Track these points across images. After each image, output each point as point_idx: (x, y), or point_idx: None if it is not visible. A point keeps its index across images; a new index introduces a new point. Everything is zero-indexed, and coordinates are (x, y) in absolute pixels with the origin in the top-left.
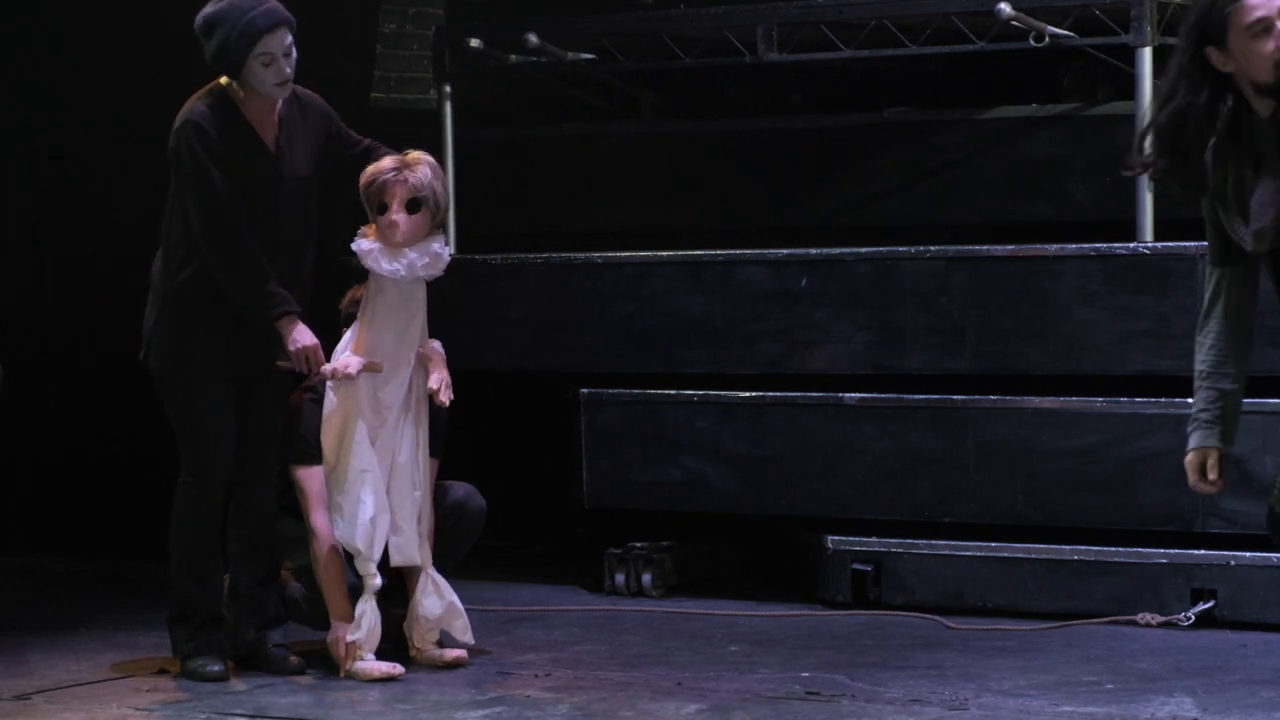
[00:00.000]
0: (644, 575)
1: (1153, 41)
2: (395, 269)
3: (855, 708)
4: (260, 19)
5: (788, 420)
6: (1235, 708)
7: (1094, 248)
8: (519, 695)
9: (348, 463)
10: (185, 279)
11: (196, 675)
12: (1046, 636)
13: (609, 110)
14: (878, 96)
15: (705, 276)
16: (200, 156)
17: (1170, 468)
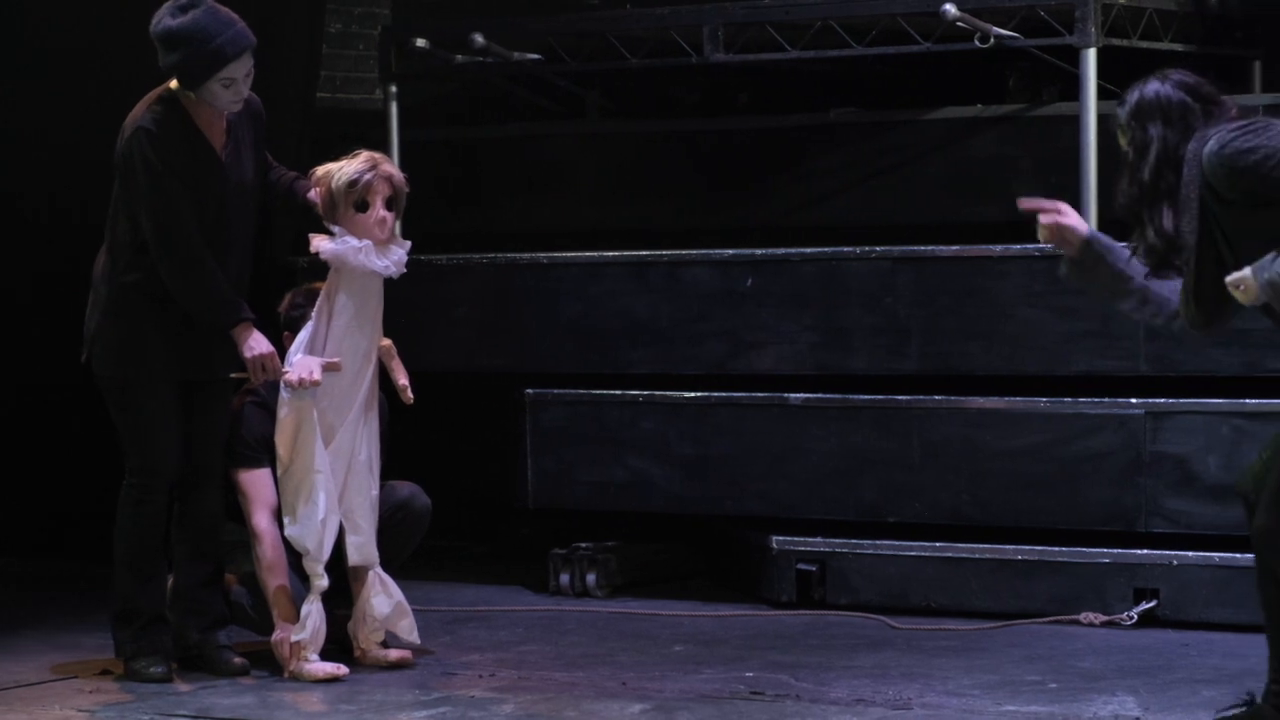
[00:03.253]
0: (589, 575)
1: (1097, 43)
2: (387, 265)
3: (799, 708)
4: (229, 47)
5: (733, 420)
6: (1177, 707)
7: (1038, 248)
8: (463, 695)
9: (301, 464)
10: (130, 282)
11: (140, 676)
12: (990, 636)
13: (555, 110)
14: (824, 97)
15: (651, 277)
16: (153, 163)
17: (1114, 468)
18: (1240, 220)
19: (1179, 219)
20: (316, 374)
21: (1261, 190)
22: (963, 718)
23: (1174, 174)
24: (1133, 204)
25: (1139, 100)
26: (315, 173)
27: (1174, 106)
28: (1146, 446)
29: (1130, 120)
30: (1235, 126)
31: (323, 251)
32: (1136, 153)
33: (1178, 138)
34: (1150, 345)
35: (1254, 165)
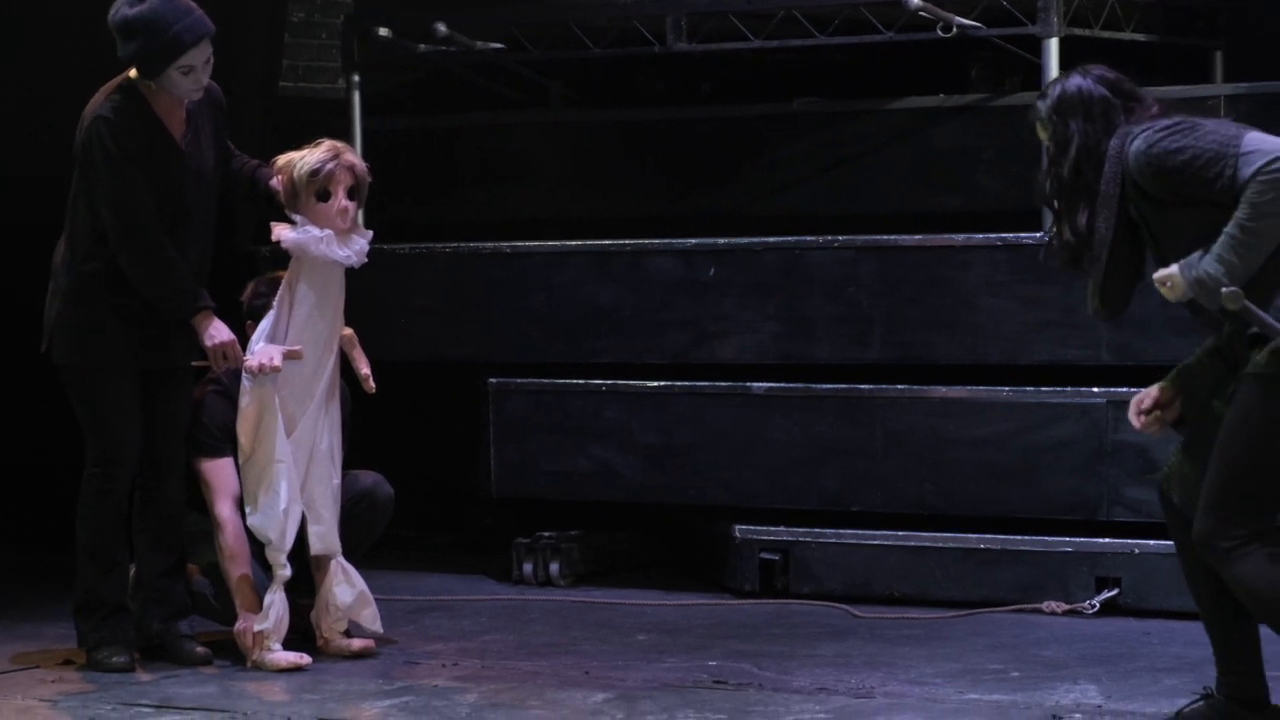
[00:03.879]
0: (552, 565)
1: (1060, 32)
2: (348, 255)
3: (762, 696)
4: (185, 35)
5: (696, 410)
6: (1139, 695)
7: (1001, 238)
8: (426, 685)
9: (264, 454)
10: (89, 272)
11: (102, 666)
12: (953, 625)
13: (518, 100)
14: (786, 87)
15: (614, 266)
16: (113, 153)
17: (1076, 456)
18: (1166, 219)
19: (1095, 216)
20: (277, 360)
21: (1188, 190)
22: (925, 706)
23: (1094, 171)
24: (1050, 198)
25: (1061, 95)
26: (277, 161)
27: (1096, 102)
28: (1109, 436)
29: (1052, 114)
30: (1162, 126)
31: (284, 240)
32: (1057, 147)
33: (1099, 134)
34: (1112, 335)
35: (1181, 166)
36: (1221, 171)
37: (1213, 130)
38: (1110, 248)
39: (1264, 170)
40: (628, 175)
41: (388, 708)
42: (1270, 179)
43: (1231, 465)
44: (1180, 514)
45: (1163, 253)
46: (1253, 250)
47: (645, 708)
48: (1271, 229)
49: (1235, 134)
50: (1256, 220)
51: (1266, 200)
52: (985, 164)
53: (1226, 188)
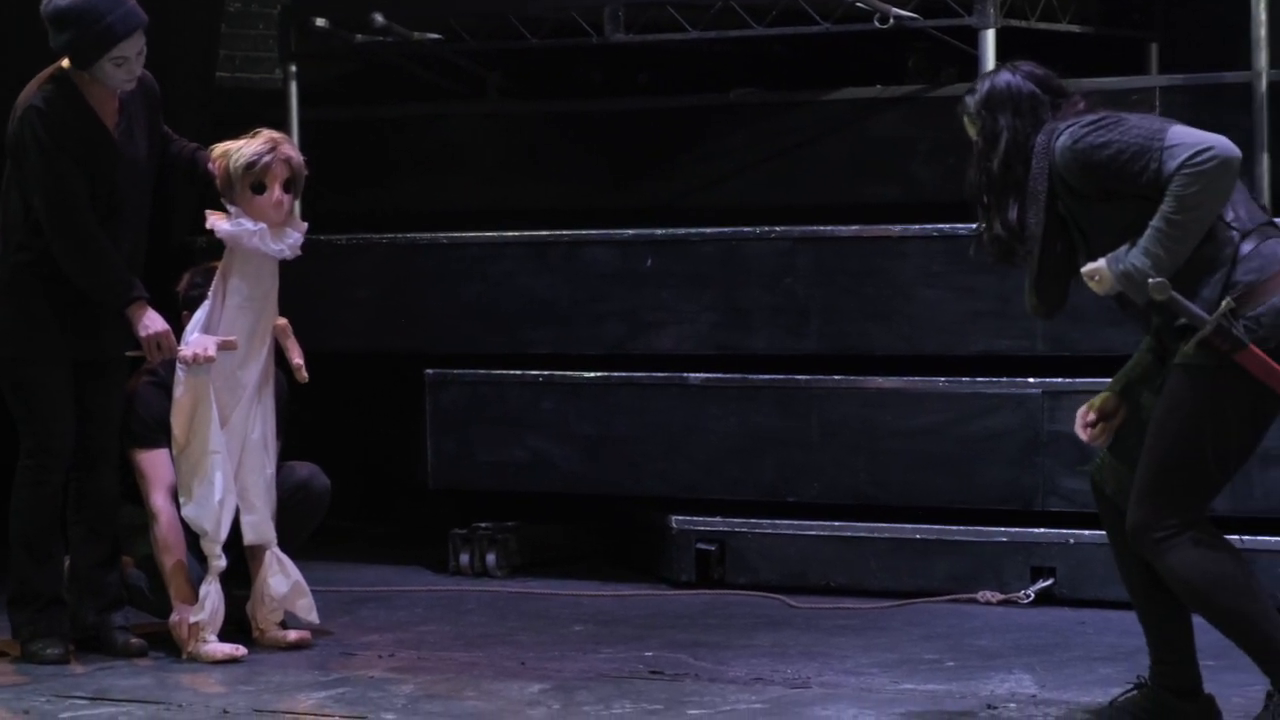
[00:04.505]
0: (488, 555)
1: (996, 24)
2: (281, 249)
3: (699, 687)
4: (119, 25)
5: (633, 400)
6: (1073, 684)
7: (937, 229)
8: (363, 676)
9: (198, 444)
10: (22, 262)
11: (36, 658)
12: (888, 615)
13: (455, 90)
14: (724, 78)
15: (551, 257)
16: (45, 143)
17: (1011, 447)
18: (1093, 213)
19: (1025, 211)
20: (211, 350)
21: (1113, 184)
22: (861, 696)
23: (1023, 166)
24: (980, 193)
25: (990, 90)
26: (214, 150)
27: (1025, 98)
28: (1044, 426)
29: (981, 110)
30: (1087, 121)
31: (218, 231)
32: (986, 142)
33: (1028, 129)
34: (1047, 326)
35: (1107, 160)
36: (1147, 165)
37: (1137, 125)
38: (1042, 244)
39: (1188, 163)
40: (565, 166)
41: (323, 699)
42: (1195, 172)
43: (1162, 456)
44: (1113, 505)
45: (1091, 247)
46: (1179, 243)
47: (582, 698)
48: (1196, 221)
49: (1160, 128)
50: (1182, 213)
51: (1191, 193)
52: (922, 155)
53: (1152, 181)
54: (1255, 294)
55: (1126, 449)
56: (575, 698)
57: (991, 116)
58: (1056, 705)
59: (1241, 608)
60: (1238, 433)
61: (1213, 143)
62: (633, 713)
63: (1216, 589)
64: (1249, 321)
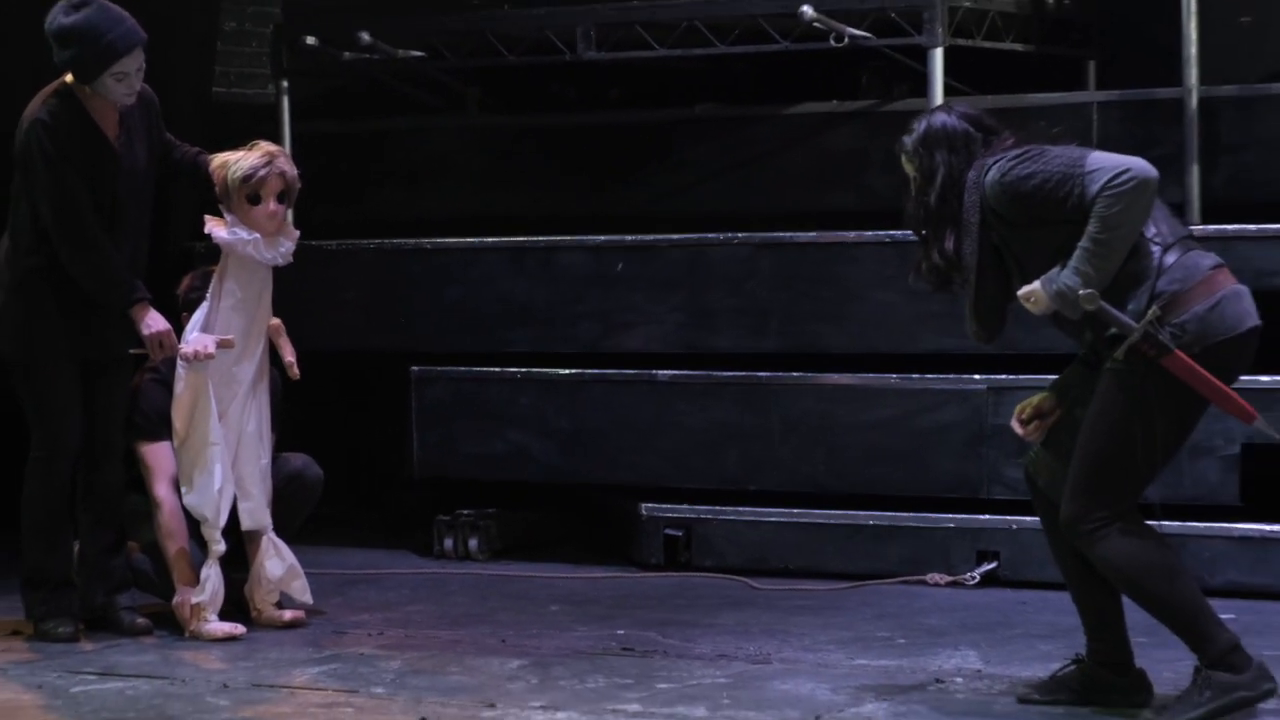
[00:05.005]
0: (471, 540)
1: (944, 43)
2: (274, 257)
3: (667, 663)
4: (119, 43)
5: (605, 396)
6: (1015, 660)
7: (889, 235)
8: (354, 653)
9: (198, 437)
10: (31, 267)
11: (49, 636)
12: (844, 596)
13: (438, 105)
14: (690, 93)
15: (528, 262)
16: (51, 154)
17: (958, 439)
18: (1024, 240)
19: (960, 242)
20: (211, 348)
21: (1042, 212)
22: (818, 671)
23: (957, 199)
24: (918, 226)
25: (927, 130)
26: (213, 160)
27: (959, 136)
28: (988, 420)
29: (919, 148)
30: (1013, 155)
31: (215, 238)
32: (924, 178)
33: (962, 164)
34: None
35: (1034, 189)
36: (1071, 190)
37: (1059, 155)
38: (977, 272)
39: (1109, 185)
40: (541, 176)
41: (317, 674)
42: (1115, 193)
43: (1094, 454)
44: (1045, 497)
45: (1025, 272)
46: (1106, 259)
47: (558, 673)
48: (1120, 239)
49: (1079, 156)
50: (1106, 232)
51: (1114, 213)
52: (875, 166)
53: (1076, 205)
54: (1179, 302)
55: (1059, 445)
56: (552, 672)
57: (929, 154)
58: (1000, 679)
59: (1168, 592)
60: (1164, 432)
61: (1130, 165)
62: (605, 687)
63: (1144, 575)
64: (1174, 328)
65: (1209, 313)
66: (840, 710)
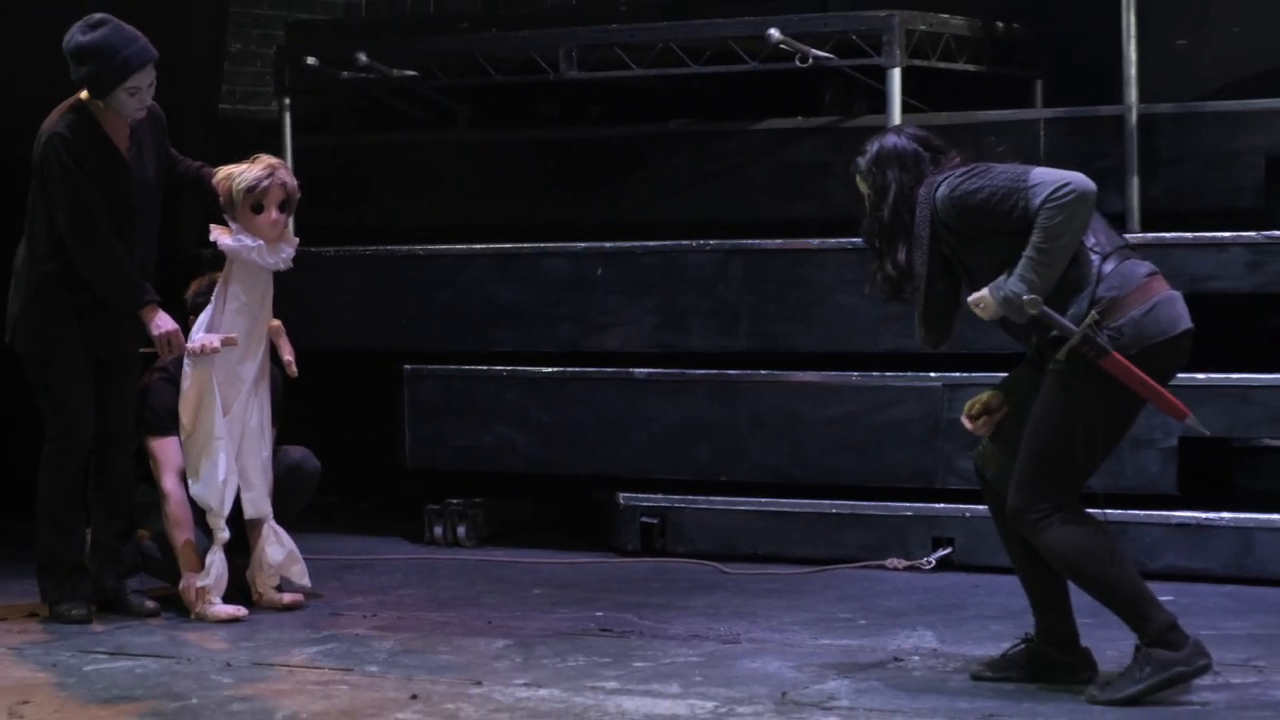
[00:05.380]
0: (459, 528)
1: (902, 63)
2: (276, 262)
3: (643, 642)
4: (134, 59)
5: (585, 392)
6: (969, 639)
7: (851, 242)
8: (349, 633)
9: (203, 431)
10: (47, 272)
11: (63, 618)
12: (808, 580)
13: (429, 121)
14: (664, 109)
15: (514, 267)
16: (69, 166)
17: (915, 433)
18: (974, 250)
19: (912, 254)
20: (216, 344)
21: (989, 224)
22: (784, 650)
23: (909, 214)
24: (872, 239)
25: (879, 150)
26: (218, 173)
27: (909, 155)
28: (943, 414)
29: (871, 167)
30: (961, 173)
31: (220, 245)
32: (877, 194)
33: (913, 182)
34: None
35: (981, 203)
36: (1016, 203)
37: (1004, 171)
38: (927, 282)
39: (1051, 198)
40: (526, 187)
41: (315, 654)
42: (1057, 204)
43: (1038, 449)
44: (993, 488)
45: (974, 280)
46: (1049, 267)
47: (541, 652)
48: (1061, 248)
49: (1023, 171)
50: (1049, 241)
51: (1056, 223)
52: (838, 177)
53: (1021, 217)
54: (1117, 307)
55: (1006, 439)
56: (535, 652)
57: (881, 172)
58: (955, 658)
59: (1108, 576)
60: (1103, 429)
61: (1070, 179)
62: (585, 665)
63: (1085, 561)
64: (1112, 331)
65: (1144, 317)
66: (805, 687)
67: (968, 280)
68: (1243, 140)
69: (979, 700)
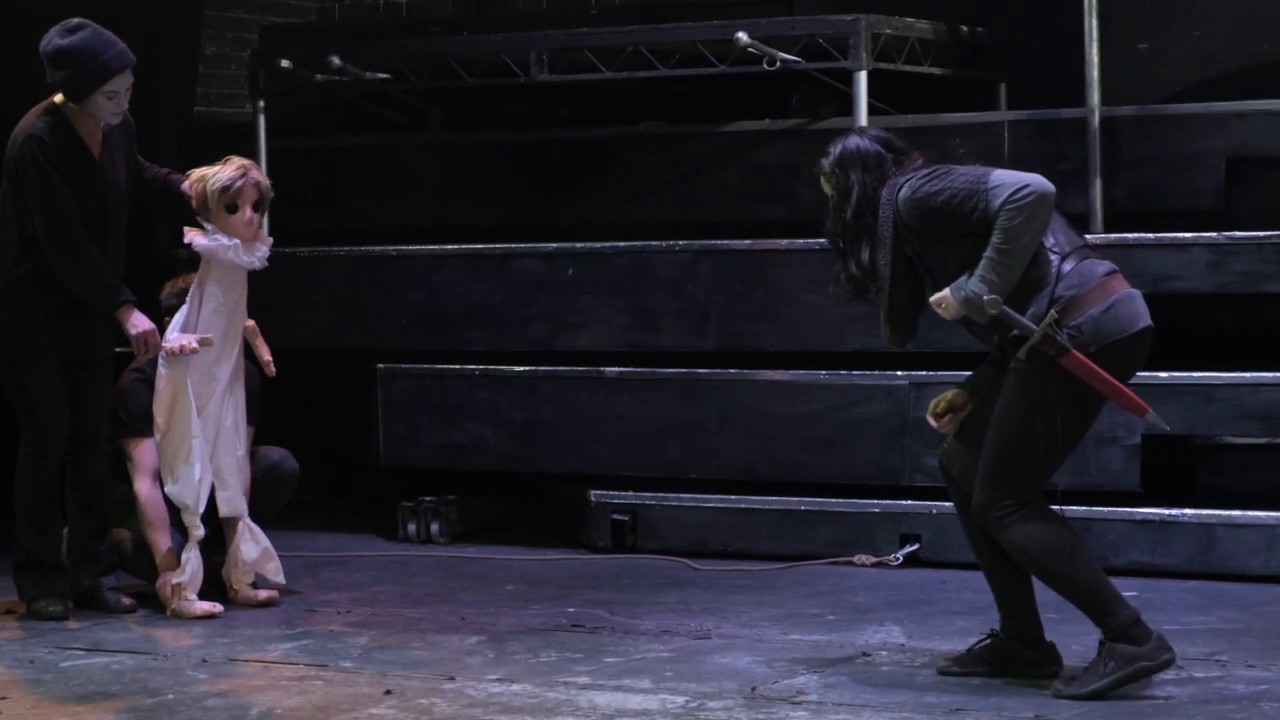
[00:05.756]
0: (432, 525)
1: (868, 66)
2: (252, 261)
3: (614, 638)
4: (113, 62)
5: (556, 391)
6: (936, 634)
7: (818, 242)
8: (323, 629)
9: (178, 431)
10: (19, 275)
11: (39, 615)
12: (778, 576)
13: (402, 123)
14: (634, 112)
15: (485, 267)
16: (45, 167)
17: (882, 431)
18: (935, 251)
19: (876, 254)
20: (193, 343)
21: (951, 226)
22: (754, 645)
23: (872, 215)
24: (836, 239)
25: (843, 152)
26: (192, 174)
27: (871, 157)
28: (910, 413)
29: (835, 169)
30: (923, 175)
31: (195, 245)
32: (841, 195)
33: (875, 183)
34: None
35: (942, 205)
36: (976, 205)
37: (965, 173)
38: (891, 282)
39: (1010, 200)
40: (497, 188)
41: (290, 649)
42: (1016, 206)
43: (1001, 447)
44: (959, 485)
45: (936, 280)
46: (1009, 268)
47: (513, 648)
48: (1021, 249)
49: (983, 174)
50: (1009, 242)
51: (1016, 224)
52: (805, 179)
53: (982, 218)
54: (1076, 306)
55: (970, 437)
56: (508, 648)
57: (845, 174)
58: (922, 653)
59: (1072, 572)
60: (1064, 426)
61: (1029, 181)
62: (558, 660)
63: (1048, 556)
64: (1071, 330)
65: (1103, 315)
66: (774, 682)
67: (930, 281)
68: (1203, 142)
69: (946, 695)
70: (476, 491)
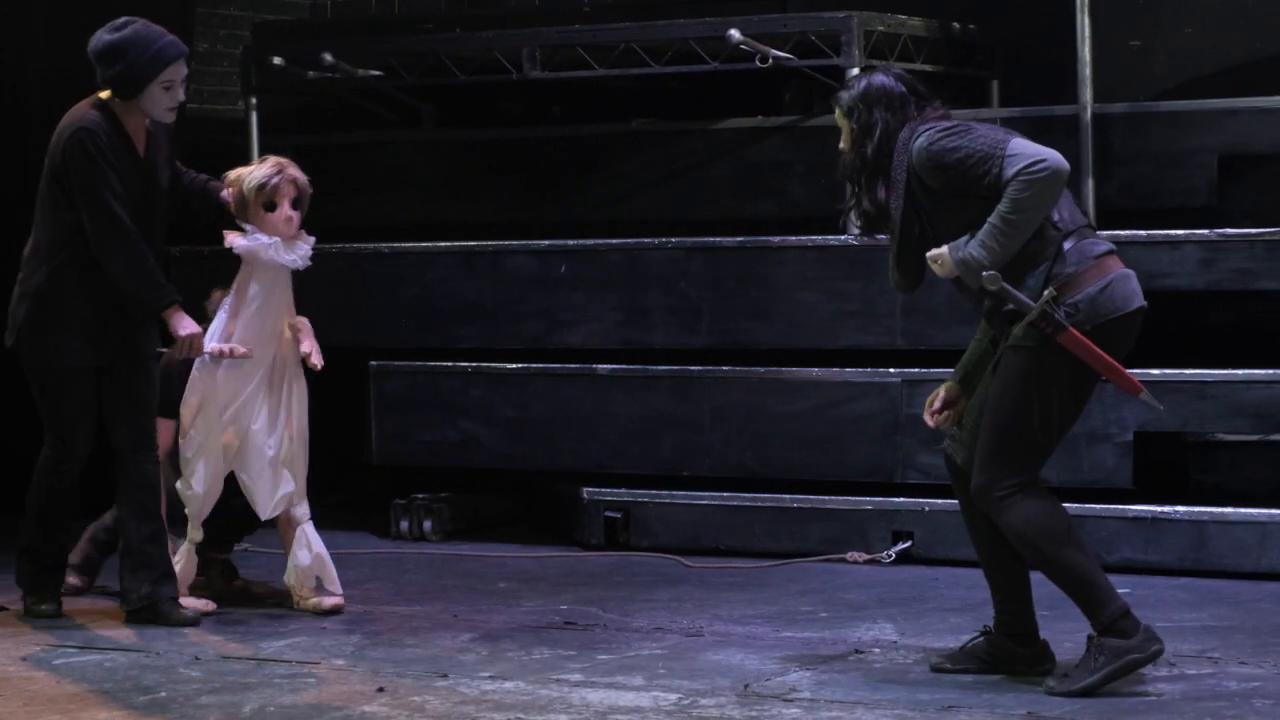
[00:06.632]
0: (425, 522)
1: (860, 63)
2: (294, 259)
3: (607, 635)
4: (169, 48)
5: (549, 388)
6: (928, 631)
7: (810, 240)
8: (316, 626)
9: (200, 435)
10: (56, 273)
11: (33, 613)
12: (770, 573)
13: (394, 120)
14: (626, 109)
15: (478, 264)
16: (96, 160)
17: (875, 428)
18: (940, 206)
19: (890, 195)
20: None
21: (960, 184)
22: (746, 643)
23: (889, 155)
24: (854, 174)
25: (867, 87)
26: (228, 176)
27: (896, 96)
28: (903, 410)
29: (858, 103)
30: (942, 128)
31: (236, 247)
32: (862, 131)
33: (897, 123)
34: (906, 323)
35: (956, 163)
36: (989, 169)
37: (984, 134)
38: (901, 225)
39: (1024, 171)
40: (490, 185)
41: (282, 647)
42: (1029, 178)
43: (1000, 425)
44: (963, 473)
45: (936, 236)
46: (1011, 239)
47: (506, 645)
48: (1027, 221)
49: (1003, 139)
50: (1015, 213)
51: (1025, 197)
52: (797, 176)
53: (992, 184)
54: (1074, 284)
55: (971, 424)
56: (501, 645)
57: (867, 110)
58: (914, 650)
59: (1067, 557)
60: (1060, 404)
61: (1046, 155)
62: (550, 658)
63: (1046, 539)
64: (1069, 308)
65: (1100, 294)
66: (767, 679)
67: (931, 234)
68: (1195, 140)
69: (939, 692)
70: (469, 489)
